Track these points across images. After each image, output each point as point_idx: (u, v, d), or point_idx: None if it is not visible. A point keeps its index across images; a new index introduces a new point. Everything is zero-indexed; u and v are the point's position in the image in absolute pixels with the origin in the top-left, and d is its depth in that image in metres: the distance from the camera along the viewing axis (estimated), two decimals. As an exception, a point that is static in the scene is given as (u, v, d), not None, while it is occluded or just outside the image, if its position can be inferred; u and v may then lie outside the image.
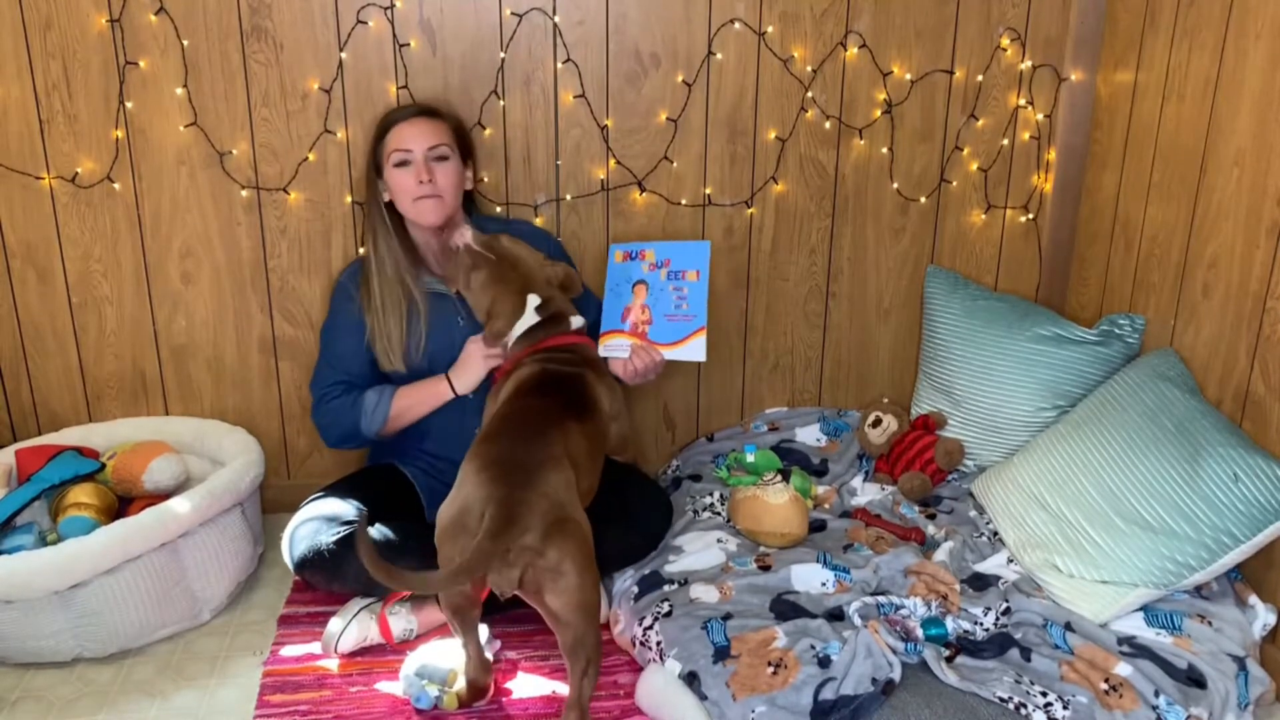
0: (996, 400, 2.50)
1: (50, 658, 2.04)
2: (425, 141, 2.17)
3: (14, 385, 2.53)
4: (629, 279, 2.25)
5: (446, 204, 2.20)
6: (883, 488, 2.51)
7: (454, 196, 2.21)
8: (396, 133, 2.19)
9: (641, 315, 2.21)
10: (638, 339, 2.19)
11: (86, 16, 2.30)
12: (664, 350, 2.18)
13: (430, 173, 2.16)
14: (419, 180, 2.16)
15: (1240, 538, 1.91)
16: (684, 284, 2.20)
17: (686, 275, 2.20)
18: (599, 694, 1.97)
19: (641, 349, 2.17)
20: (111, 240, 2.44)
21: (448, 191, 2.19)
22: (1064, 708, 1.75)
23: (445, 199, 2.19)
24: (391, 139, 2.19)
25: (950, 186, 2.68)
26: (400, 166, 2.18)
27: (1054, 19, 2.57)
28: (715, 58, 2.50)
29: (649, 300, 2.22)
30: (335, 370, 2.27)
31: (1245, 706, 1.84)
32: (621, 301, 2.23)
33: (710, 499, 2.44)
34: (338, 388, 2.25)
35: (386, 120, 2.23)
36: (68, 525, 2.14)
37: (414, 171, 2.16)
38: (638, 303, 2.22)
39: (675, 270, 2.21)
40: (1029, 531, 2.19)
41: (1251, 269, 2.07)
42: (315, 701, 1.94)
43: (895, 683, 1.78)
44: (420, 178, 2.16)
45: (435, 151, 2.18)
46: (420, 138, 2.18)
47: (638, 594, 2.09)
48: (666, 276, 2.22)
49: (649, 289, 2.22)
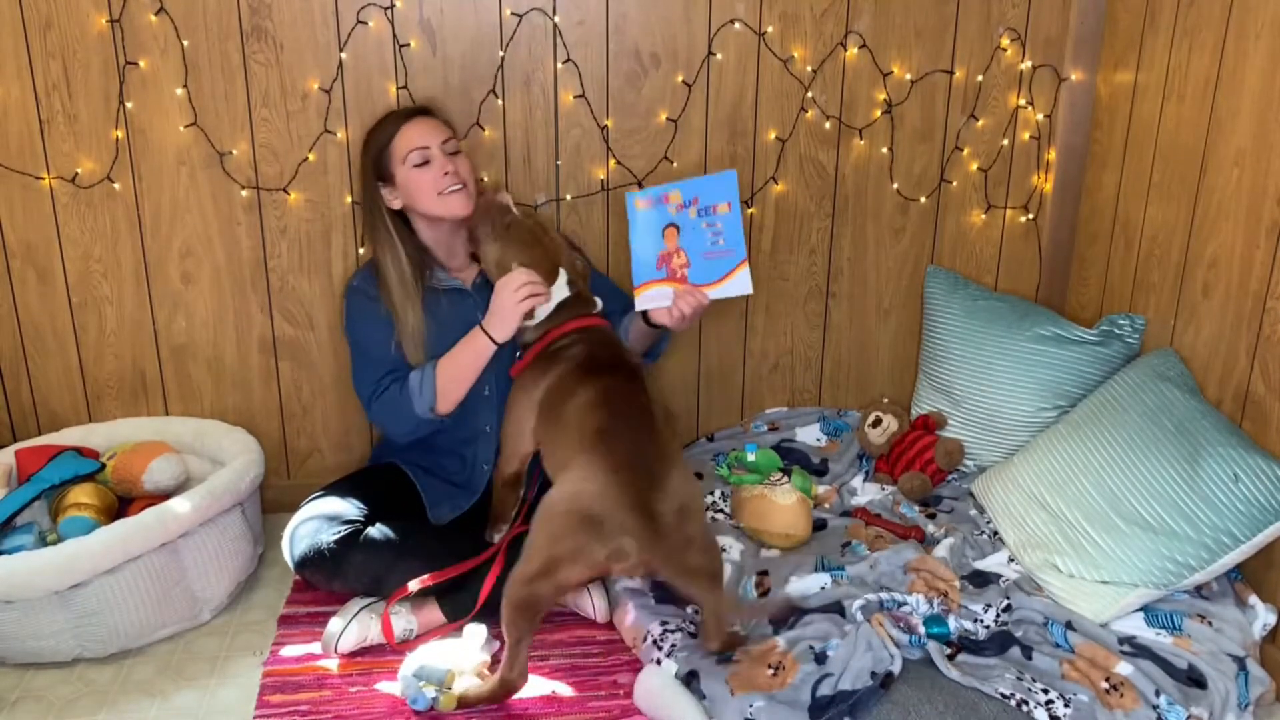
0: (996, 400, 2.50)
1: (50, 658, 2.03)
2: (439, 136, 2.18)
3: (14, 385, 2.53)
4: (658, 224, 2.16)
5: (469, 194, 2.19)
6: (883, 487, 2.51)
7: (472, 189, 2.20)
8: (405, 135, 2.17)
9: (679, 259, 2.15)
10: (679, 284, 2.14)
11: (86, 16, 2.30)
12: (708, 290, 2.13)
13: (453, 164, 2.17)
14: (444, 173, 2.15)
15: (1240, 538, 1.91)
16: (716, 218, 2.13)
17: (718, 209, 2.13)
18: (599, 694, 1.97)
19: (686, 293, 2.12)
20: (111, 240, 2.44)
21: (470, 181, 2.20)
22: (1065, 705, 1.75)
23: (468, 188, 2.18)
24: (401, 142, 2.16)
25: (950, 186, 2.68)
26: (420, 166, 2.16)
27: (1054, 19, 2.57)
28: (715, 58, 2.50)
29: (683, 242, 2.15)
30: (377, 367, 2.21)
31: (1245, 706, 1.84)
32: (654, 249, 2.15)
33: (713, 497, 2.44)
34: (385, 380, 2.20)
35: (387, 127, 2.19)
36: (68, 525, 2.14)
37: (437, 167, 2.15)
38: (672, 246, 2.15)
39: (705, 206, 2.14)
40: (1029, 531, 2.19)
41: (1251, 269, 2.07)
42: (315, 701, 1.94)
43: (894, 675, 1.78)
44: (445, 169, 2.15)
45: (449, 145, 2.19)
46: (433, 134, 2.18)
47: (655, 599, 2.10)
48: (697, 214, 2.14)
49: (680, 231, 2.16)
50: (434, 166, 2.16)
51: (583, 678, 2.02)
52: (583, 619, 2.20)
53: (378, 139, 2.19)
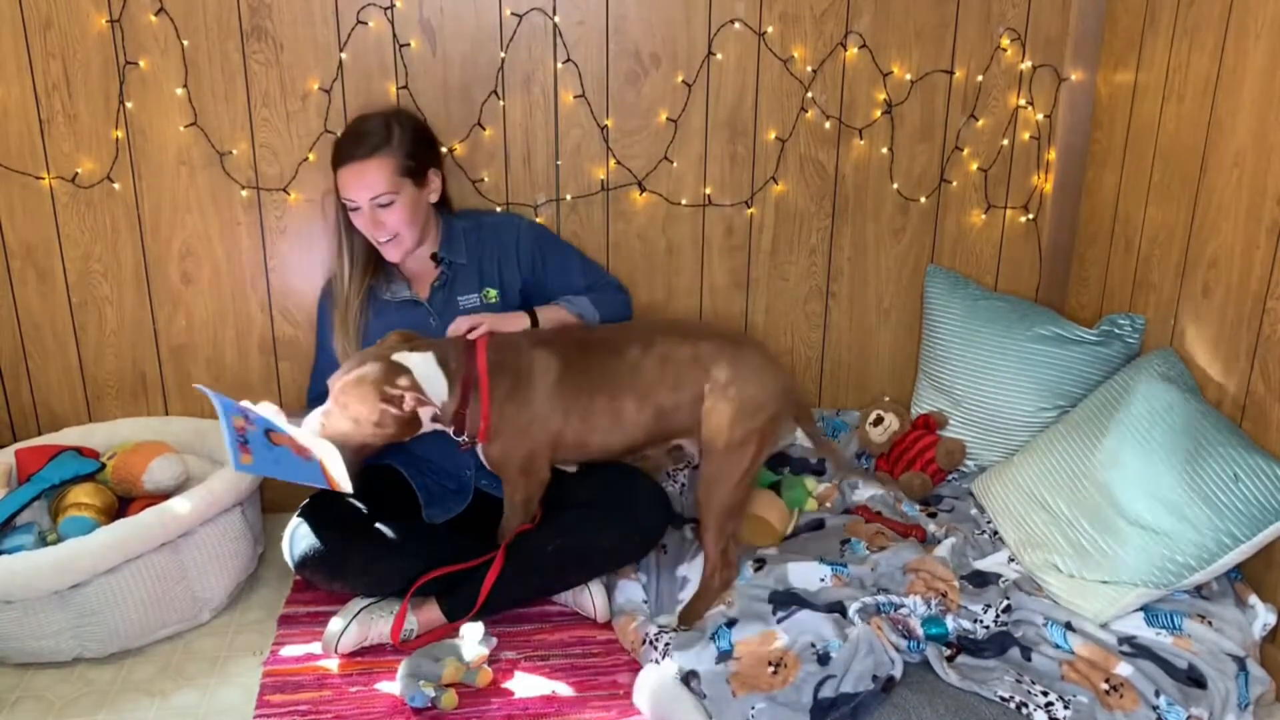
0: (997, 400, 2.50)
1: (50, 658, 2.03)
2: (367, 192, 2.12)
3: (14, 385, 2.53)
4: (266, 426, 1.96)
5: (405, 239, 2.19)
6: (883, 486, 2.51)
7: (411, 228, 2.18)
8: (341, 177, 2.14)
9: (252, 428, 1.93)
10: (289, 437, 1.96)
11: (86, 16, 2.30)
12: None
13: (379, 221, 2.15)
14: (374, 225, 2.16)
15: (1240, 538, 1.91)
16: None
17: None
18: (599, 694, 1.97)
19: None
20: (111, 240, 2.44)
21: (403, 228, 2.17)
22: (1065, 707, 1.75)
23: (403, 236, 2.18)
24: (339, 181, 2.16)
25: (950, 186, 2.68)
26: (353, 211, 2.17)
27: (1054, 19, 2.57)
28: (715, 58, 2.50)
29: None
30: (321, 372, 2.27)
31: (1245, 706, 1.84)
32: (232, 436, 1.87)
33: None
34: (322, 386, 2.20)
35: (334, 157, 2.16)
36: (68, 525, 2.14)
37: (366, 219, 2.15)
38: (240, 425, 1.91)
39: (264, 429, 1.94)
40: (1029, 531, 2.19)
41: (1251, 269, 2.07)
42: (315, 701, 1.94)
43: (896, 680, 1.79)
44: (375, 223, 2.15)
45: (378, 200, 2.13)
46: (361, 188, 2.12)
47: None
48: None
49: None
50: (363, 216, 2.15)
51: (583, 678, 2.02)
52: (583, 619, 2.20)
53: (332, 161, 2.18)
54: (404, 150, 2.14)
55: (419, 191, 2.19)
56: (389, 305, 2.27)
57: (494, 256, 2.30)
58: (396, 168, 2.13)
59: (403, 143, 2.14)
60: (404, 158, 2.14)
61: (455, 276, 2.29)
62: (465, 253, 2.29)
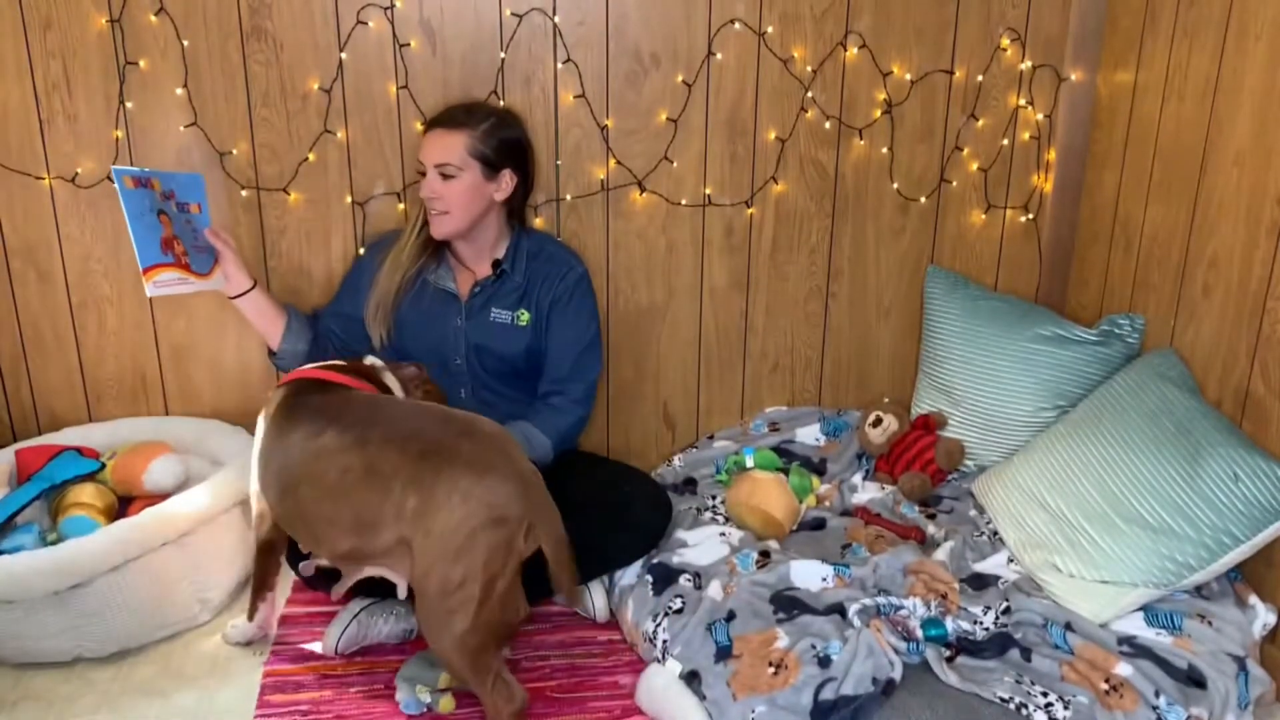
0: (996, 400, 2.50)
1: (50, 658, 2.03)
2: (435, 158, 2.20)
3: (14, 385, 2.53)
4: (151, 208, 2.08)
5: (454, 220, 2.23)
6: (883, 487, 2.51)
7: (465, 210, 2.23)
8: (425, 141, 2.24)
9: (179, 246, 2.12)
10: (192, 275, 2.14)
11: (86, 16, 2.30)
12: (202, 281, 2.17)
13: (437, 191, 2.21)
14: (429, 193, 2.22)
15: (1240, 538, 1.91)
16: (191, 216, 2.17)
17: (190, 208, 2.16)
18: (599, 694, 1.97)
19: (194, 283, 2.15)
20: (111, 240, 2.44)
21: (456, 208, 2.22)
22: (1064, 708, 1.75)
23: (453, 215, 2.22)
24: (421, 145, 2.25)
25: (950, 186, 2.68)
26: (421, 176, 2.24)
27: (1054, 19, 2.57)
28: (715, 58, 2.50)
29: (176, 231, 2.13)
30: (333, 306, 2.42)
31: (1245, 706, 1.84)
32: (155, 233, 2.07)
33: (712, 501, 2.44)
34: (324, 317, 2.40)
35: (428, 122, 2.28)
36: (68, 525, 2.14)
37: (427, 184, 2.22)
38: (169, 233, 2.10)
39: (181, 202, 2.16)
40: (1029, 531, 2.19)
41: (1251, 269, 2.07)
42: (315, 701, 1.95)
43: (896, 682, 1.79)
44: (430, 190, 2.22)
45: (443, 169, 2.20)
46: (434, 151, 2.21)
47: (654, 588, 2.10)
48: (177, 208, 2.15)
49: (171, 220, 2.13)
50: (427, 182, 2.22)
51: (582, 678, 2.02)
52: (583, 619, 2.21)
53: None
54: (486, 137, 2.21)
55: (486, 183, 2.24)
56: (428, 289, 2.34)
57: (539, 284, 2.33)
58: (471, 148, 2.20)
59: (489, 132, 2.22)
60: (482, 143, 2.21)
61: (500, 289, 2.33)
62: (523, 271, 2.33)
